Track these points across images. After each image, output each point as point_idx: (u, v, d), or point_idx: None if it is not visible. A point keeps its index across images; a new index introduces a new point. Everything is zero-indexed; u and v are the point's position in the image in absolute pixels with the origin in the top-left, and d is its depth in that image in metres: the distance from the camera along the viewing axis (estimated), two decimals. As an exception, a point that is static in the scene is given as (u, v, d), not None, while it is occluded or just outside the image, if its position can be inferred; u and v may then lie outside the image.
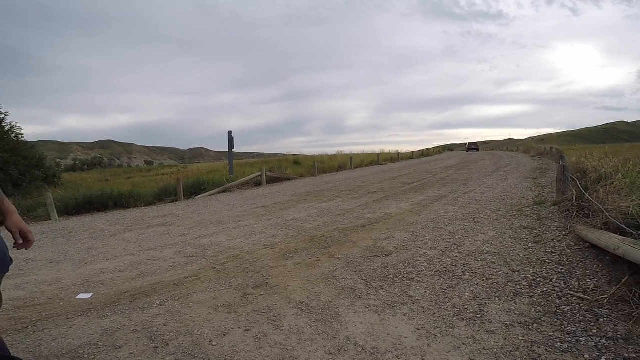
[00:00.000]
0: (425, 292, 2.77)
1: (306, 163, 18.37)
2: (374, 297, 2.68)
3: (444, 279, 3.02)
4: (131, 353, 2.00)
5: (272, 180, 13.17)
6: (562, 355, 1.94)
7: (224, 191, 10.95)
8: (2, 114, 14.97)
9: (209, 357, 1.94)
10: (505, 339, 2.12)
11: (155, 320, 2.40)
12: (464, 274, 3.11)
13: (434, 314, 2.42)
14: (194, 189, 10.59)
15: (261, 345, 2.05)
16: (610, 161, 4.60)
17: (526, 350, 1.99)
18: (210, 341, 2.11)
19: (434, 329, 2.22)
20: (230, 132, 14.23)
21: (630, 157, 6.44)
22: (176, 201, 9.52)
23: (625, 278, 2.52)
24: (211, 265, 3.58)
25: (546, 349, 2.00)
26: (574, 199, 4.42)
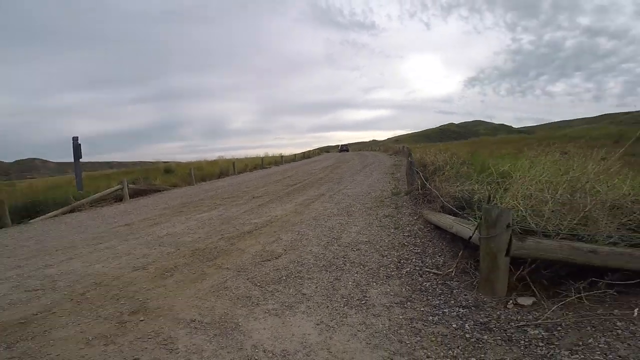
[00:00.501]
0: (317, 287, 2.93)
1: (180, 171, 16.87)
2: (271, 301, 2.72)
3: (329, 272, 3.24)
4: None
5: (137, 193, 11.53)
6: (436, 327, 2.30)
7: (72, 210, 9.04)
8: None
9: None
10: (390, 319, 2.39)
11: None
12: (344, 264, 3.40)
13: (328, 307, 2.58)
14: (28, 211, 8.44)
15: (156, 373, 1.88)
16: (441, 156, 5.88)
17: (409, 327, 2.29)
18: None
19: (331, 321, 2.38)
20: (75, 139, 11.48)
21: (456, 152, 8.34)
22: (1, 228, 7.48)
23: (461, 252, 3.20)
24: (67, 297, 3.04)
25: (423, 324, 2.34)
26: (420, 188, 5.47)
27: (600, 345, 1.99)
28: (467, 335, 2.18)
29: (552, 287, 2.59)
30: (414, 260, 3.43)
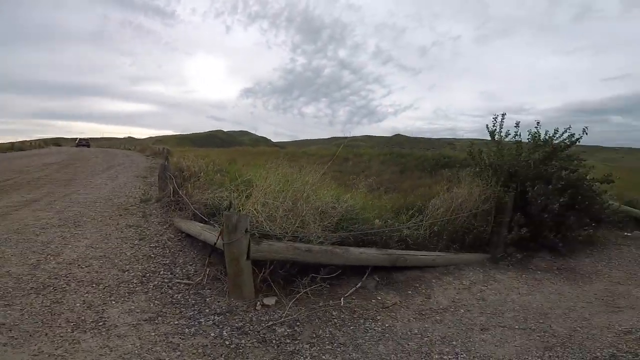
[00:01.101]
0: (23, 314, 2.33)
1: None
2: None
3: (43, 295, 2.62)
4: None
5: None
6: (194, 338, 2.19)
7: None
8: None
9: None
10: (140, 338, 2.15)
11: None
12: (68, 284, 2.82)
13: (47, 334, 2.12)
14: None
15: None
16: (199, 162, 5.82)
17: (165, 343, 2.11)
18: None
19: (56, 350, 1.96)
20: None
21: (216, 159, 8.51)
22: None
23: (207, 259, 3.22)
24: None
25: (180, 337, 2.19)
26: (172, 194, 5.17)
27: (327, 336, 2.43)
28: (227, 342, 2.21)
29: (288, 285, 2.99)
30: (162, 272, 3.20)
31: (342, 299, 2.96)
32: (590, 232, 4.36)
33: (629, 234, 5.25)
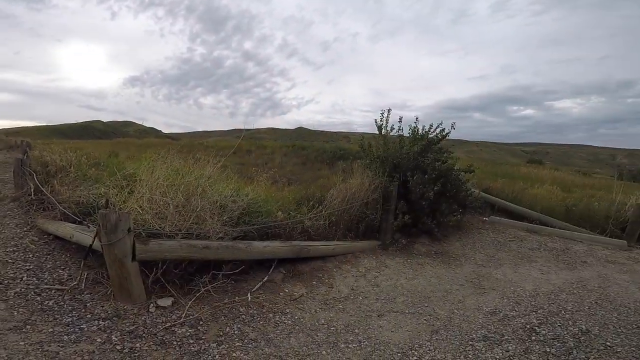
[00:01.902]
0: None
1: None
2: None
3: None
4: None
5: None
6: (77, 345, 1.98)
7: None
8: None
9: None
10: (6, 348, 1.88)
11: None
12: None
13: None
14: None
15: None
16: (68, 156, 4.95)
17: (40, 352, 1.88)
18: None
19: None
20: None
21: (92, 152, 7.33)
22: None
23: (82, 262, 2.84)
24: None
25: (59, 345, 1.96)
26: (33, 193, 4.30)
27: (235, 332, 2.36)
28: (119, 347, 2.04)
29: (185, 285, 2.83)
30: (25, 278, 2.75)
31: (249, 294, 2.93)
32: (458, 217, 4.98)
33: (486, 219, 6.01)
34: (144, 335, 2.23)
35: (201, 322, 2.46)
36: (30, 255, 3.18)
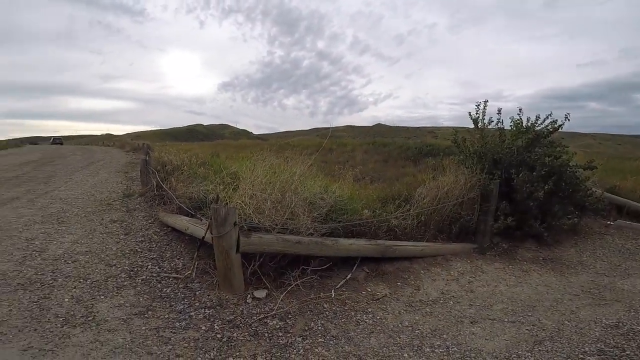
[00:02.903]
0: (11, 310, 2.29)
1: None
2: None
3: (31, 291, 2.58)
4: None
5: None
6: (186, 332, 2.18)
7: None
8: None
9: None
10: (131, 332, 2.14)
11: None
12: (55, 280, 2.77)
13: (36, 329, 2.09)
14: None
15: None
16: (181, 156, 5.69)
17: (156, 337, 2.10)
18: None
19: (46, 344, 1.94)
20: None
21: (198, 152, 8.35)
22: None
23: (196, 253, 3.16)
24: None
25: (171, 331, 2.18)
26: (155, 189, 5.05)
27: (319, 328, 2.42)
28: (219, 336, 2.21)
29: (278, 278, 2.98)
30: (150, 266, 3.16)
31: (333, 291, 2.97)
32: (575, 220, 4.33)
33: (611, 223, 5.19)
34: (240, 325, 2.39)
35: (290, 316, 2.55)
36: (154, 245, 3.70)
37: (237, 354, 2.09)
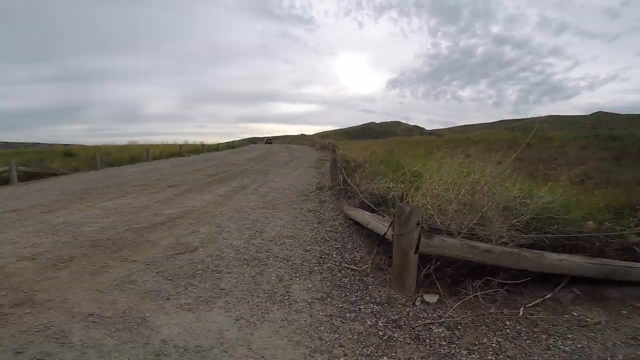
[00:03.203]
0: (237, 282, 2.80)
1: (84, 155, 14.83)
2: (185, 296, 2.54)
3: (251, 266, 3.11)
4: None
5: (29, 177, 9.91)
6: (352, 324, 2.30)
7: None
8: None
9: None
10: (311, 315, 2.35)
11: None
12: (268, 259, 3.29)
13: (249, 302, 2.48)
14: None
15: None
16: (362, 153, 6.11)
17: (328, 324, 2.26)
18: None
19: (252, 317, 2.29)
20: None
21: (375, 150, 8.78)
22: None
23: (376, 248, 3.27)
24: None
25: (341, 320, 2.32)
26: (342, 184, 5.61)
27: (492, 345, 2.14)
28: (380, 333, 2.23)
29: (454, 285, 2.75)
30: (334, 255, 3.46)
31: (522, 308, 2.48)
32: None
33: None
34: (403, 326, 2.30)
35: (459, 327, 2.30)
36: (339, 236, 4.05)
37: (393, 354, 2.04)
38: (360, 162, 5.94)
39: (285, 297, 2.61)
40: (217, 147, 29.86)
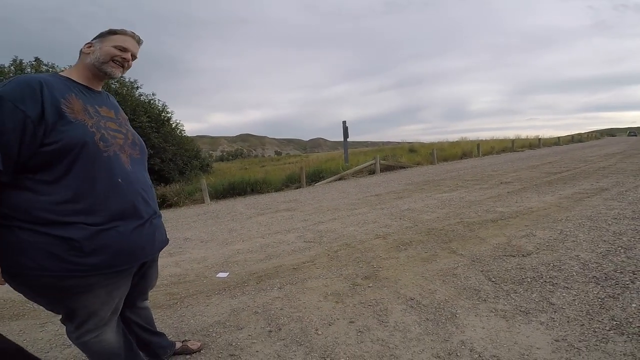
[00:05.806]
0: (574, 300, 2.31)
1: (423, 151, 17.37)
2: (503, 301, 2.34)
3: (602, 286, 2.46)
4: (249, 335, 2.18)
5: (386, 169, 13.00)
6: None
7: (340, 179, 11.36)
8: (168, 113, 17.39)
9: (313, 346, 2.00)
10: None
11: (274, 304, 2.58)
12: (632, 282, 2.47)
13: (582, 325, 2.01)
14: (314, 177, 11.43)
15: (362, 340, 2.02)
16: None
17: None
18: (317, 330, 2.16)
19: (579, 342, 1.85)
20: (344, 122, 14.72)
21: None
22: (299, 188, 10.44)
23: None
24: (325, 252, 3.70)
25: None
26: None
27: None
28: None
29: None
30: None
31: None
32: None
33: None
34: None
35: None
36: None
37: None
38: None
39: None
40: (556, 141, 25.20)
